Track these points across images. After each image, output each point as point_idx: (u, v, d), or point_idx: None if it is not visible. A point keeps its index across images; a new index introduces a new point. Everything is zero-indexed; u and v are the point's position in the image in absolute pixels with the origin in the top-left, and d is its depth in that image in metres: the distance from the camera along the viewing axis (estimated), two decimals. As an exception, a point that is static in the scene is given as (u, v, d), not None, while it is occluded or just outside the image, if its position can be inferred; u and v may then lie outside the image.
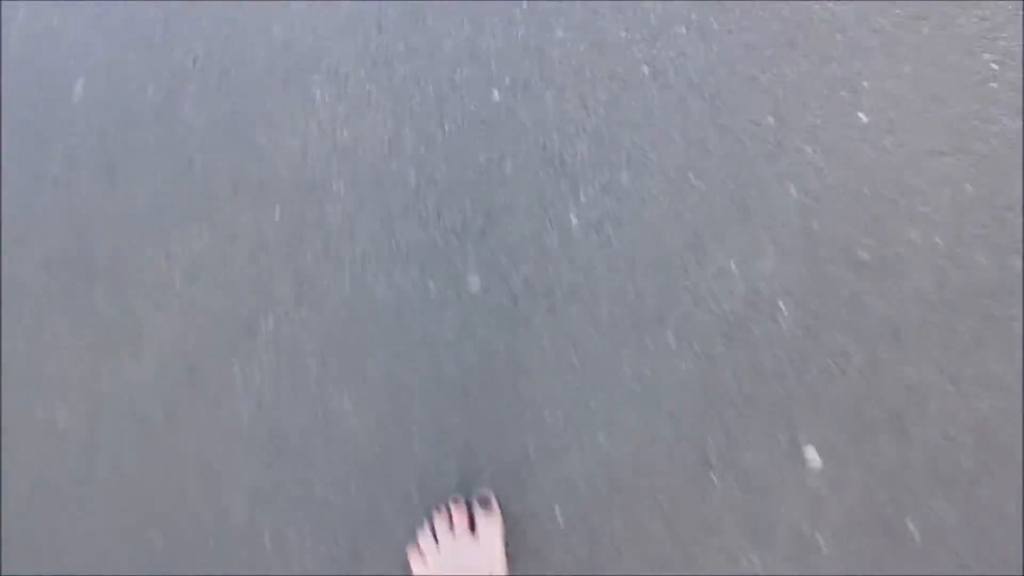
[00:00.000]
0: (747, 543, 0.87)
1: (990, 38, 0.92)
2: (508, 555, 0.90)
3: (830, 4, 0.96)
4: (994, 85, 0.91)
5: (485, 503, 0.91)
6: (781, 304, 0.90)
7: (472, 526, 0.90)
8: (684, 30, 0.97)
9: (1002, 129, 0.91)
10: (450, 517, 0.90)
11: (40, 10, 1.19)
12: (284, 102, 1.05)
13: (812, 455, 0.88)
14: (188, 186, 1.06)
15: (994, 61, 0.91)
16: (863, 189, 0.91)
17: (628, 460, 0.90)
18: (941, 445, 0.86)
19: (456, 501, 0.91)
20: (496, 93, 0.99)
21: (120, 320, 1.04)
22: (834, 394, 0.89)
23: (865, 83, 0.93)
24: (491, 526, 0.89)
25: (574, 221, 0.94)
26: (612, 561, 0.90)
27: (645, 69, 0.96)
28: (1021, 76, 0.92)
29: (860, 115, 0.93)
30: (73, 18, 1.16)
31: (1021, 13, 0.92)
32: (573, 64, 0.98)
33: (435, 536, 0.90)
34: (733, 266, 0.91)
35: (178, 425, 1.01)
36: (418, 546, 0.90)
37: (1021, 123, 0.91)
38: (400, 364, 0.95)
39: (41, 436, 1.05)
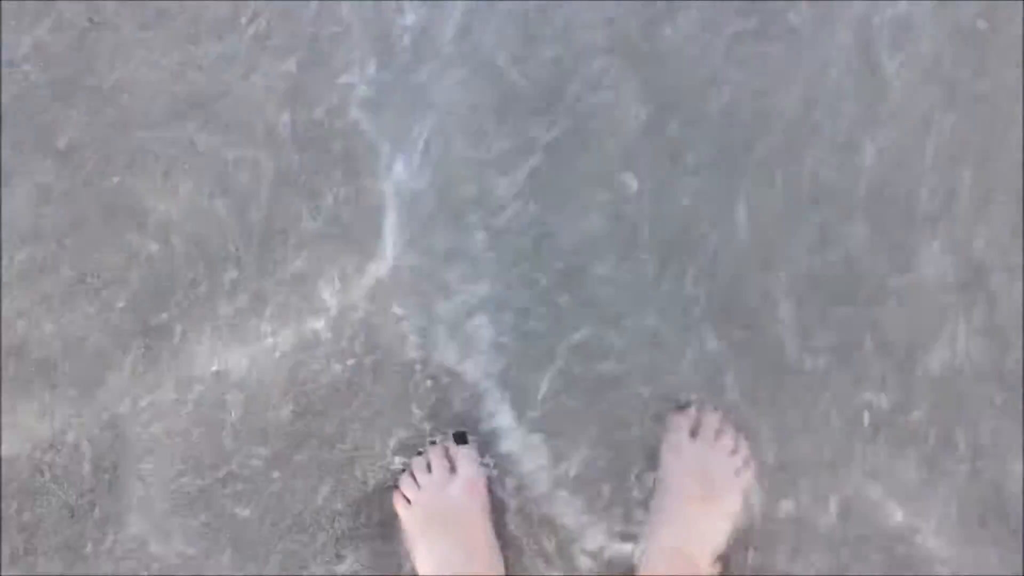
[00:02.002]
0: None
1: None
2: (488, 484, 0.95)
3: None
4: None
5: (460, 438, 0.96)
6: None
7: (453, 465, 0.95)
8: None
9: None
10: (428, 458, 0.95)
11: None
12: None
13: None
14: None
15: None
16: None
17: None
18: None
19: (433, 442, 0.96)
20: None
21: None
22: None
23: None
24: (468, 458, 0.94)
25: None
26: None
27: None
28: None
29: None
30: None
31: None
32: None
33: (415, 478, 0.94)
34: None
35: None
36: (400, 491, 0.95)
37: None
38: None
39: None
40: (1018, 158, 0.97)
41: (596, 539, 0.95)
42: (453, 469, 0.95)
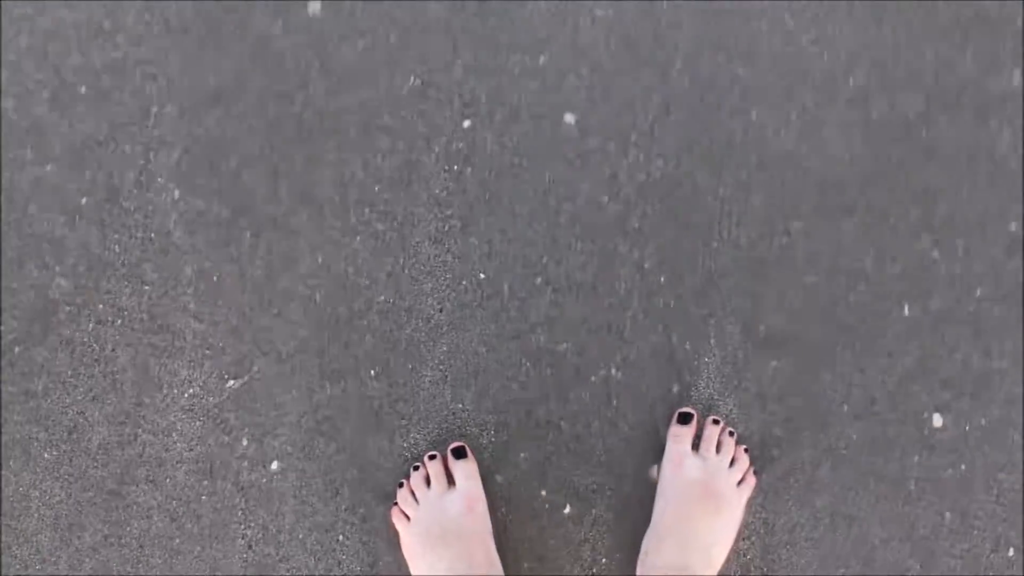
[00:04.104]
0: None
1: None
2: (487, 497, 0.94)
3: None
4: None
5: (459, 453, 0.94)
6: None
7: (450, 479, 0.94)
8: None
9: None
10: (426, 473, 0.94)
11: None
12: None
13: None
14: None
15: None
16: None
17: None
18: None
19: (432, 457, 0.95)
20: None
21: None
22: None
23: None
24: (467, 473, 0.93)
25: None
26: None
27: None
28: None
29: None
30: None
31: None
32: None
33: (413, 494, 0.93)
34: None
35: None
36: (398, 506, 0.94)
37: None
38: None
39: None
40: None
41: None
42: (452, 484, 0.93)
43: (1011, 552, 0.93)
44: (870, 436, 0.95)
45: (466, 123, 0.98)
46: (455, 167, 0.98)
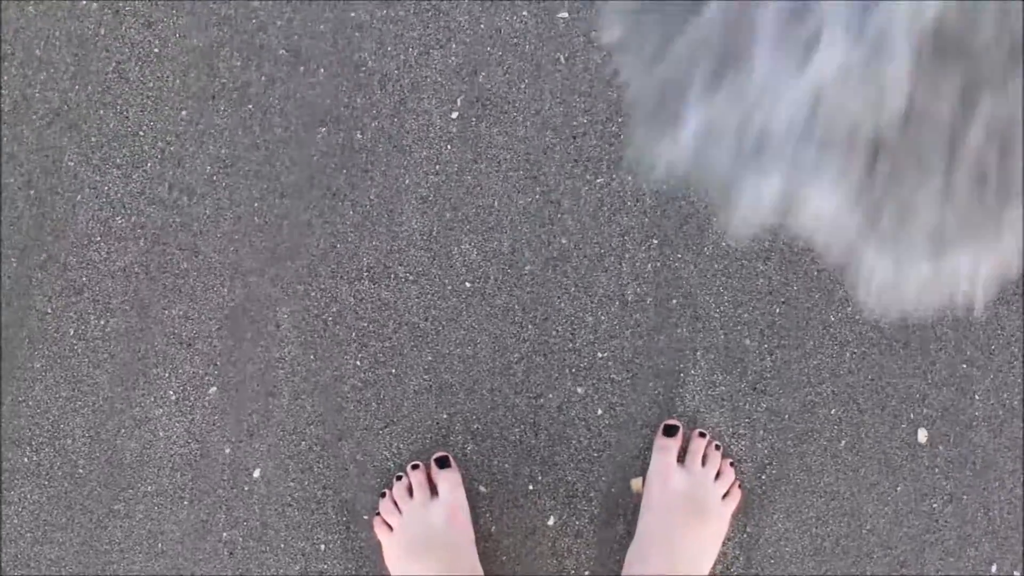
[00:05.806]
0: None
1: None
2: (470, 507, 0.93)
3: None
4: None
5: (443, 463, 0.94)
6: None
7: (433, 489, 0.93)
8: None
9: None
10: (409, 483, 0.93)
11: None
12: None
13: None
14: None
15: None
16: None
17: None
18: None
19: (415, 467, 0.94)
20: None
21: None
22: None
23: None
24: (450, 483, 0.92)
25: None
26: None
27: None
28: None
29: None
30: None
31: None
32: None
33: (396, 504, 0.92)
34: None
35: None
36: (381, 516, 0.93)
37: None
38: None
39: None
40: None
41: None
42: (435, 494, 0.92)
43: (994, 568, 0.93)
44: (857, 449, 0.94)
45: (454, 114, 0.97)
46: (440, 169, 0.97)
